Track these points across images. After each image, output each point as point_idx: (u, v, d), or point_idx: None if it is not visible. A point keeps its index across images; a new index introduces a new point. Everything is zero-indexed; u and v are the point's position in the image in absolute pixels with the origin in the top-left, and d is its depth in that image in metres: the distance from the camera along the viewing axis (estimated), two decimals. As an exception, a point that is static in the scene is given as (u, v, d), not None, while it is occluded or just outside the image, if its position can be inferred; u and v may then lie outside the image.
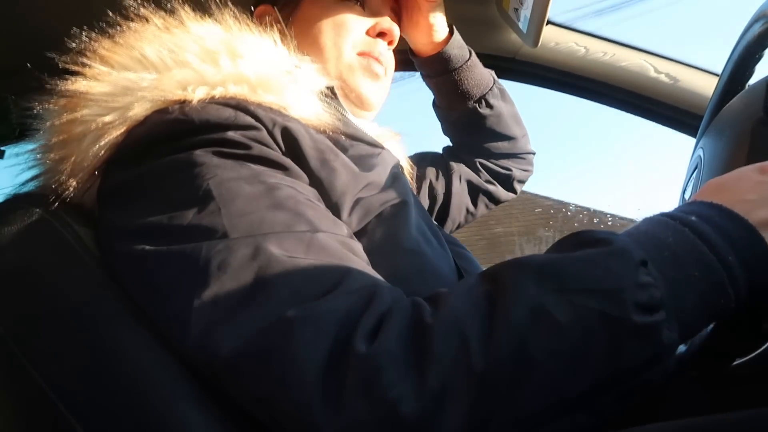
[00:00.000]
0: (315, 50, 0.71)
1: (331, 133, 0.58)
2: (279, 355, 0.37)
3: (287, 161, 0.51)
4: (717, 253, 0.39)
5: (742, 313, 0.42)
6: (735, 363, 0.52)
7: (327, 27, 0.72)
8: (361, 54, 0.73)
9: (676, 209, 0.44)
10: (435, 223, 0.70)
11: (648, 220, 0.43)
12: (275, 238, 0.43)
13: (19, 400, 0.47)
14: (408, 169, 0.90)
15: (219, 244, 0.42)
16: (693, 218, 0.41)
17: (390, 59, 0.78)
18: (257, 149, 0.49)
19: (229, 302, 0.40)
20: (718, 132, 0.69)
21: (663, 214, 0.43)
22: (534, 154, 1.06)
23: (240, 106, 0.51)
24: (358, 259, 0.47)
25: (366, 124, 0.75)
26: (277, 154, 0.50)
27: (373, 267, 0.52)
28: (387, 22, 0.75)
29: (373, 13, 0.76)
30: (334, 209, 0.52)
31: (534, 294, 0.37)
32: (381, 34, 0.75)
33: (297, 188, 0.49)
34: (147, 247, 0.44)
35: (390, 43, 0.77)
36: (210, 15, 0.58)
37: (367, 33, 0.75)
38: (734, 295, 0.39)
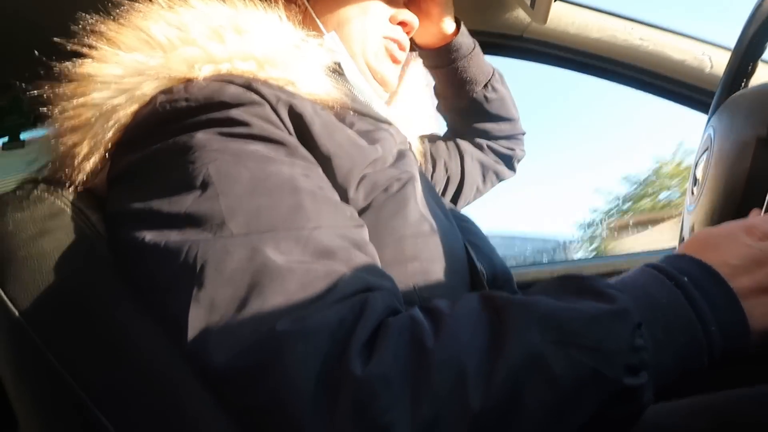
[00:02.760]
0: (341, 29, 0.72)
1: (338, 109, 0.58)
2: (271, 371, 0.37)
3: (290, 139, 0.50)
4: (703, 322, 0.40)
5: None
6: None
7: (354, 9, 0.73)
8: (386, 38, 0.75)
9: (669, 263, 0.44)
10: (442, 198, 0.71)
11: (644, 274, 0.44)
12: (272, 238, 0.42)
13: (37, 384, 0.48)
14: (418, 148, 0.91)
15: (217, 242, 0.42)
16: (685, 280, 0.42)
17: (408, 47, 0.79)
18: (258, 127, 0.48)
19: (223, 308, 0.40)
20: (729, 118, 0.68)
21: (657, 268, 0.44)
22: (525, 134, 1.10)
23: (244, 83, 0.50)
24: (356, 252, 0.46)
25: (375, 99, 0.75)
26: (279, 132, 0.49)
27: (380, 243, 0.52)
28: (408, 13, 0.77)
29: (389, 1, 0.77)
30: (341, 187, 0.52)
31: (536, 342, 0.37)
32: (402, 24, 0.77)
33: (299, 169, 0.48)
34: (146, 237, 0.44)
35: (408, 33, 0.78)
36: None
37: (390, 20, 0.76)
38: (707, 362, 0.41)
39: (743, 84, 0.75)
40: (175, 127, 0.48)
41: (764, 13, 0.67)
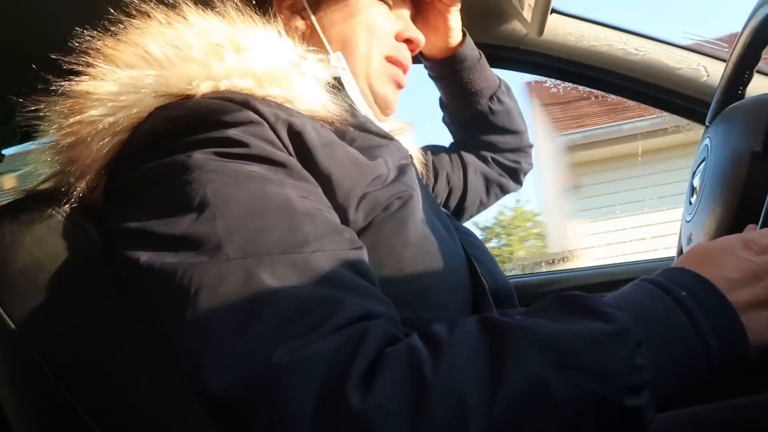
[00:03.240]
0: (346, 46, 0.71)
1: (339, 125, 0.58)
2: (267, 403, 0.37)
3: (289, 159, 0.50)
4: (702, 337, 0.40)
5: None
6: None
7: (360, 26, 0.72)
8: (390, 60, 0.74)
9: (666, 277, 0.44)
10: (444, 212, 0.70)
11: (641, 289, 0.44)
12: (268, 263, 0.42)
13: (32, 396, 0.48)
14: (420, 159, 0.90)
15: (212, 266, 0.42)
16: (683, 294, 0.42)
17: (410, 67, 0.78)
18: (257, 147, 0.48)
19: (218, 335, 0.39)
20: (725, 130, 0.68)
21: (654, 282, 0.44)
22: (533, 147, 1.09)
23: (243, 101, 0.50)
24: (355, 277, 0.45)
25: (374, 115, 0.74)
26: (278, 153, 0.49)
27: (379, 263, 0.51)
28: (415, 31, 0.77)
29: (397, 14, 0.77)
30: (341, 207, 0.52)
31: (536, 367, 0.37)
32: (407, 41, 0.76)
33: (298, 191, 0.48)
34: (142, 257, 0.44)
35: (413, 51, 0.78)
36: (212, 8, 0.57)
37: (395, 37, 0.75)
38: (707, 375, 0.40)
39: (740, 92, 0.75)
40: (173, 146, 0.48)
41: (759, 21, 0.68)
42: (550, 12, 0.95)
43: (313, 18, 0.71)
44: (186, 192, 0.45)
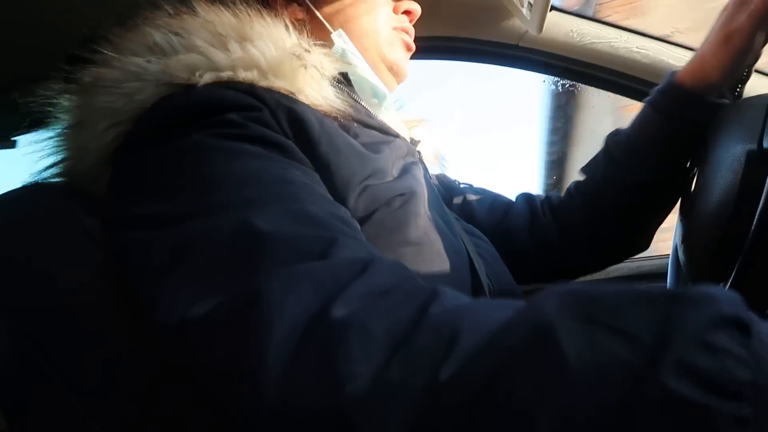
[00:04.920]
0: (349, 26, 0.71)
1: (342, 120, 0.58)
2: (251, 323, 0.34)
3: (287, 143, 0.50)
4: None
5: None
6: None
7: (362, 8, 0.72)
8: (395, 29, 0.76)
9: None
10: (448, 212, 0.69)
11: None
12: (259, 210, 0.41)
13: (27, 387, 0.48)
14: (434, 154, 0.89)
15: (205, 222, 0.41)
16: None
17: (413, 35, 0.79)
18: (254, 129, 0.48)
19: (206, 272, 0.38)
20: (720, 130, 0.68)
21: None
22: None
23: (245, 88, 0.51)
24: (351, 231, 0.44)
25: (383, 111, 0.74)
26: (276, 136, 0.49)
27: None
28: (411, 2, 0.78)
29: None
30: (340, 196, 0.52)
31: (547, 313, 0.28)
32: (406, 12, 0.77)
33: (292, 169, 0.48)
34: (139, 236, 0.44)
35: (411, 21, 0.79)
36: (221, 1, 0.57)
37: (393, 11, 0.76)
38: None
39: (738, 91, 0.75)
40: (174, 132, 0.48)
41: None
42: (549, 9, 0.95)
43: (310, 4, 0.71)
44: (185, 173, 0.46)
